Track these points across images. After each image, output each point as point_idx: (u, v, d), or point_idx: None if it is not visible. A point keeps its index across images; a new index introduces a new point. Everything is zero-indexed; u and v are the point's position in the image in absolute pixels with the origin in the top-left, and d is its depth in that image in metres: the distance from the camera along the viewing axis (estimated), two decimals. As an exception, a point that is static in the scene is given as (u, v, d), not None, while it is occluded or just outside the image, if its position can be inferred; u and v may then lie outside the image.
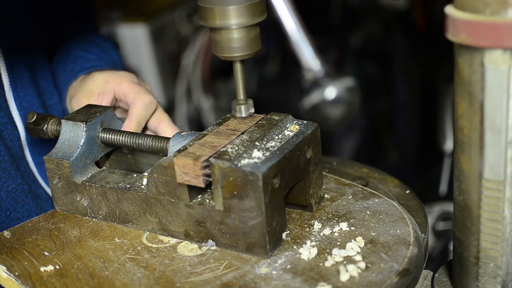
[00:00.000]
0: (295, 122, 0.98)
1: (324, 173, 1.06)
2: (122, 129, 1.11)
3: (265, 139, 0.93)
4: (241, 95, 0.99)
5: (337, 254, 0.88)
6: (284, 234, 0.93)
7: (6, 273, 0.93)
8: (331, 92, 0.87)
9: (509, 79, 0.75)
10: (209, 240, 0.93)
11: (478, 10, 0.74)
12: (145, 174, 1.04)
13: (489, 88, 0.76)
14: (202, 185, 0.89)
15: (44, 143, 1.28)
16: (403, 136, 2.80)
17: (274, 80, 2.97)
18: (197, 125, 2.97)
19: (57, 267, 0.93)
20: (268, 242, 0.89)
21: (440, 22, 0.91)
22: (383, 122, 2.93)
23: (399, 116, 2.78)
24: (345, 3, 2.77)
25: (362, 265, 0.86)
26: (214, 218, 0.91)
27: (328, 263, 0.87)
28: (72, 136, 1.06)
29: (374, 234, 0.92)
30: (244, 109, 0.99)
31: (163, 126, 1.17)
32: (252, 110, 1.00)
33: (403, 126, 2.79)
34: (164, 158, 0.93)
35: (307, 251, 0.89)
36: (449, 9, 0.77)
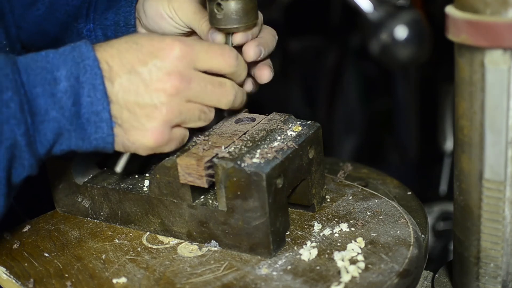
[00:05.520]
0: (297, 122, 0.99)
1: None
2: (243, 51, 1.00)
3: (268, 139, 0.94)
4: None
5: (338, 255, 0.88)
6: (284, 235, 0.93)
7: (6, 274, 0.93)
8: (401, 31, 0.84)
9: (509, 79, 0.75)
10: (212, 241, 0.93)
11: (478, 10, 0.74)
12: (147, 174, 1.04)
13: (489, 88, 0.76)
14: (206, 186, 0.89)
15: None
16: (403, 136, 2.80)
17: (274, 80, 2.96)
18: (197, 125, 2.96)
19: (57, 268, 0.93)
20: (271, 242, 0.89)
21: (440, 23, 0.91)
22: (383, 122, 2.92)
23: (399, 116, 2.78)
24: (345, 3, 2.76)
25: (363, 265, 0.86)
26: (217, 219, 0.91)
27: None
28: (73, 137, 1.06)
29: (374, 234, 0.92)
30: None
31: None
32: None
33: (403, 126, 2.79)
34: (167, 158, 0.93)
35: (308, 252, 0.89)
36: (450, 9, 0.77)
